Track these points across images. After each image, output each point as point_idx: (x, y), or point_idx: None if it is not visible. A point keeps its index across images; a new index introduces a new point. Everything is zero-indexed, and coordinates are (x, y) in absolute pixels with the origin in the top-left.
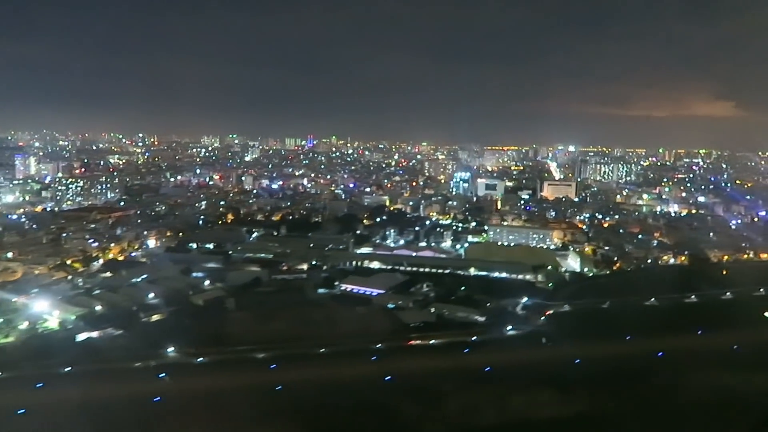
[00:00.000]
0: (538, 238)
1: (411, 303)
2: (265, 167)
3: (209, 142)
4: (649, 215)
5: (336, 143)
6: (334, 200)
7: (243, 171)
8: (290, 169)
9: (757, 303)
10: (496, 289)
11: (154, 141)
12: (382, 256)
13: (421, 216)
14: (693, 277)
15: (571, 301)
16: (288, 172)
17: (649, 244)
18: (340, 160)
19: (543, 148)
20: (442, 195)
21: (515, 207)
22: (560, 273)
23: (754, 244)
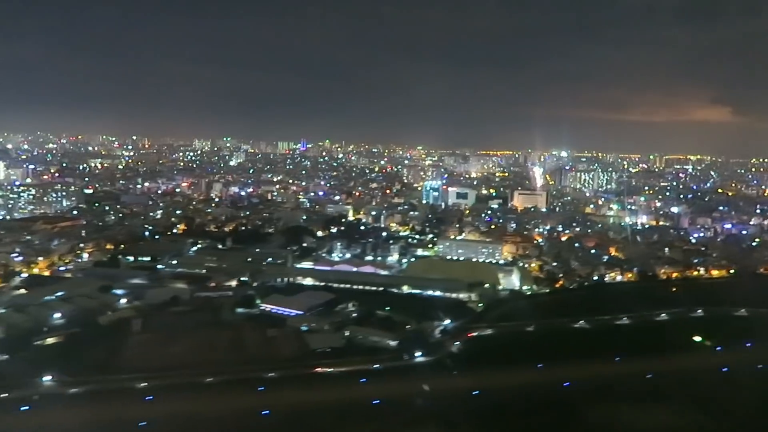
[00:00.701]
0: (487, 253)
1: (327, 325)
2: (246, 173)
3: (200, 145)
4: (613, 227)
5: (329, 147)
6: (296, 209)
7: (219, 177)
8: (270, 174)
9: (691, 325)
10: (423, 310)
11: (144, 144)
12: (318, 272)
13: (379, 227)
14: (634, 296)
15: (496, 324)
16: (266, 178)
17: (599, 259)
18: (325, 165)
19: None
20: (409, 204)
21: (477, 218)
22: (497, 291)
23: (707, 261)
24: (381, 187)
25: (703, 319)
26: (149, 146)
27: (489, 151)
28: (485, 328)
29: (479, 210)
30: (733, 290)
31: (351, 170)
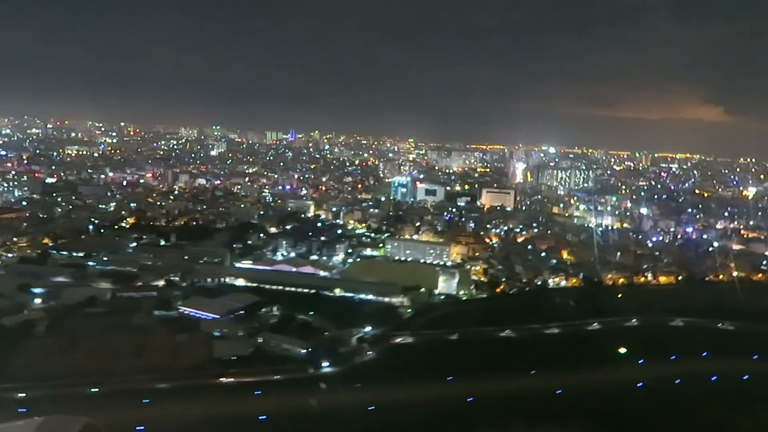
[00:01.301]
0: (435, 254)
1: (241, 331)
2: (223, 163)
3: (186, 134)
4: (573, 229)
5: (318, 138)
6: (254, 204)
7: (193, 168)
8: (246, 166)
9: (620, 335)
10: (349, 315)
11: (130, 131)
12: (255, 273)
13: (336, 224)
14: (571, 304)
15: (418, 332)
16: (241, 169)
17: (547, 263)
18: (306, 157)
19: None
20: (375, 200)
21: (438, 217)
22: (432, 296)
23: (657, 267)
24: (354, 181)
25: (634, 329)
26: (135, 133)
27: (480, 146)
28: (406, 336)
29: (443, 208)
30: (676, 298)
31: (331, 163)
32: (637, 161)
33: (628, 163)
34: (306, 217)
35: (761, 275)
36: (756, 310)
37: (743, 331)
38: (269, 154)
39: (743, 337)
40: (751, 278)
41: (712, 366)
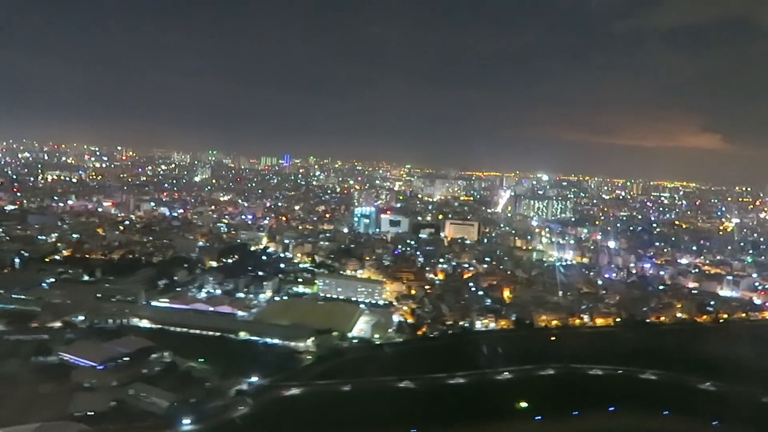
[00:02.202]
0: (366, 293)
1: (115, 381)
2: (201, 190)
3: (179, 158)
4: (526, 264)
5: (312, 163)
6: (206, 235)
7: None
8: (222, 193)
9: (529, 386)
10: (244, 362)
11: (122, 155)
12: (164, 312)
13: (281, 258)
14: (491, 349)
15: (312, 381)
16: (216, 196)
17: (481, 302)
18: (289, 184)
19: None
20: (335, 231)
21: (387, 250)
22: (344, 340)
23: (596, 307)
24: (325, 210)
25: (546, 379)
26: (127, 158)
27: (475, 172)
28: (294, 387)
29: (400, 240)
30: (605, 343)
31: (312, 190)
32: (628, 189)
33: (618, 192)
34: (252, 250)
35: (705, 317)
36: (686, 358)
37: (664, 382)
38: (254, 180)
39: (662, 388)
40: (694, 320)
41: (613, 423)
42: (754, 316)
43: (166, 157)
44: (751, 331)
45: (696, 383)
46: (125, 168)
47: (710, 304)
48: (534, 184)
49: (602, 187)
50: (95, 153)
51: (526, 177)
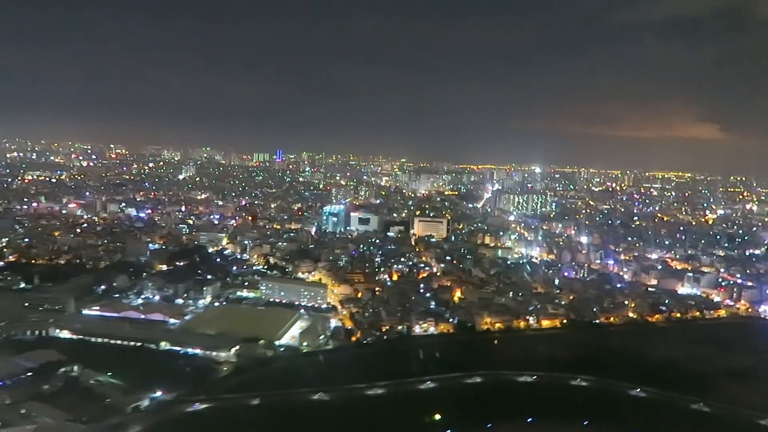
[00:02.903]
0: (309, 296)
1: (9, 399)
2: (181, 189)
3: (169, 156)
4: (489, 263)
5: (304, 159)
6: (166, 236)
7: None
8: (201, 192)
9: (451, 395)
10: (156, 375)
11: (112, 153)
12: (91, 321)
13: (237, 259)
14: (424, 355)
15: (221, 395)
16: (193, 195)
17: (425, 305)
18: (273, 181)
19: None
20: (299, 231)
21: (345, 250)
22: (271, 348)
23: (542, 309)
24: (300, 208)
25: (471, 388)
26: (116, 156)
27: (469, 165)
28: (200, 402)
29: (363, 240)
30: (545, 346)
31: (294, 187)
32: (620, 181)
33: (609, 184)
34: (208, 252)
35: (657, 317)
36: (625, 362)
37: (594, 389)
38: (240, 177)
39: (589, 396)
40: (645, 321)
41: None
42: (709, 314)
43: (156, 155)
44: (700, 332)
45: (627, 389)
46: (112, 167)
47: (664, 303)
48: (525, 177)
49: (594, 179)
50: (87, 151)
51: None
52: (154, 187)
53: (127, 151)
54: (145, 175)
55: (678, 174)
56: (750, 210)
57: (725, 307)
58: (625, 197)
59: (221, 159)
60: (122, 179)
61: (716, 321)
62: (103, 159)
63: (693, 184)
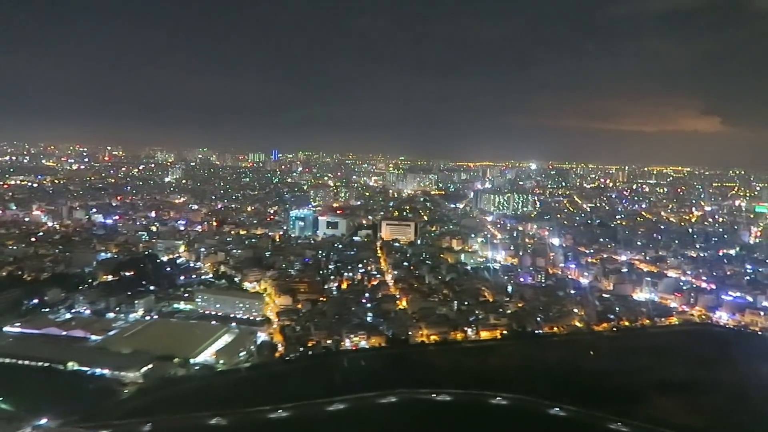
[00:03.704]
0: (244, 308)
1: None
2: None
3: (163, 157)
4: (443, 269)
5: (301, 158)
6: (122, 244)
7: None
8: (180, 195)
9: (353, 418)
10: (53, 398)
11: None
12: (8, 339)
13: (189, 268)
14: (347, 372)
15: (110, 422)
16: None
17: (362, 316)
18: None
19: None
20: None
21: (299, 258)
22: (185, 367)
23: (483, 319)
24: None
25: (381, 409)
26: (110, 158)
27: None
28: (87, 428)
29: (325, 245)
30: (477, 360)
31: (279, 188)
32: (614, 178)
33: (602, 180)
34: (160, 261)
35: (605, 325)
36: (553, 377)
37: (510, 408)
38: (227, 178)
39: (502, 415)
40: (590, 330)
41: None
42: (660, 322)
43: (150, 156)
44: (644, 342)
45: (546, 408)
46: (101, 170)
47: (614, 311)
48: (519, 174)
49: (590, 175)
50: (82, 154)
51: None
52: (135, 191)
53: (123, 153)
54: (131, 178)
55: (676, 168)
56: (738, 206)
57: (678, 314)
58: (615, 194)
59: (216, 160)
60: (106, 183)
61: (665, 329)
62: (95, 161)
63: (690, 179)
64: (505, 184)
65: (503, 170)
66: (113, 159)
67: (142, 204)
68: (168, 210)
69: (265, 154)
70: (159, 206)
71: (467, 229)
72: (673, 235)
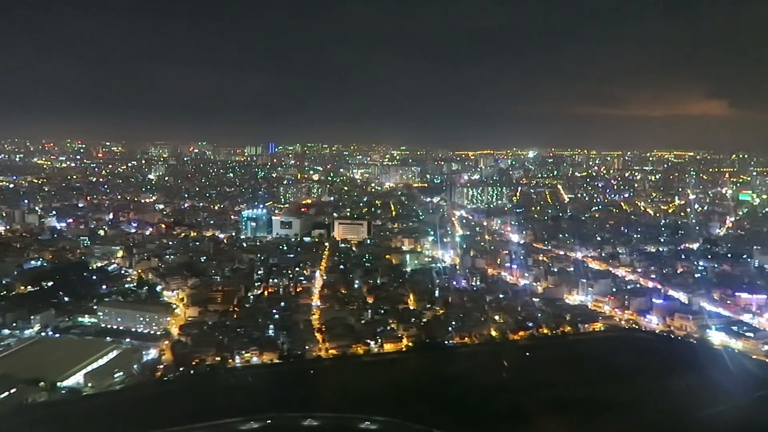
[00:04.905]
0: (145, 322)
1: None
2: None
3: (157, 153)
4: (389, 270)
5: (298, 150)
6: (59, 251)
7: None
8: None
9: None
10: None
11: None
12: None
13: (116, 276)
14: (225, 394)
15: None
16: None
17: (263, 329)
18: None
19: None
20: (206, 241)
21: (231, 263)
22: (51, 391)
23: (394, 330)
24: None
25: None
26: (103, 155)
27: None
28: None
29: (269, 247)
30: (366, 378)
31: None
32: (608, 165)
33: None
34: (90, 269)
35: (522, 334)
36: (444, 395)
37: None
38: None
39: None
40: (505, 339)
41: None
42: (583, 328)
43: (145, 152)
44: (557, 352)
45: None
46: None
47: (535, 317)
48: (512, 163)
49: (587, 161)
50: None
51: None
52: (109, 190)
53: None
54: (113, 176)
55: (679, 153)
56: (723, 194)
57: (605, 319)
58: (602, 183)
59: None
60: (87, 181)
61: (585, 337)
62: (88, 158)
63: (689, 164)
64: (493, 174)
65: (498, 159)
66: (106, 156)
67: (108, 205)
68: (128, 211)
69: (261, 147)
70: (122, 207)
71: (429, 225)
72: (641, 228)
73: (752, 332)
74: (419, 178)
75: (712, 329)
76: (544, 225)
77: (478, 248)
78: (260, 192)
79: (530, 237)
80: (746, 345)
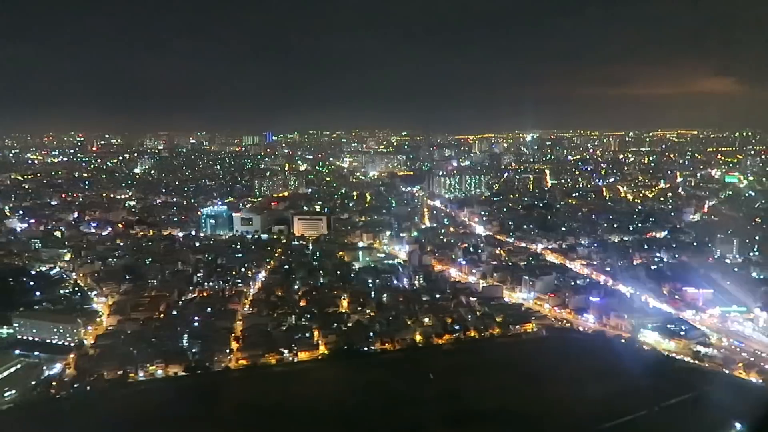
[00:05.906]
0: (60, 333)
1: None
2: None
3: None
4: (332, 270)
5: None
6: (6, 255)
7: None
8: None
9: None
10: None
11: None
12: None
13: (58, 281)
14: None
15: None
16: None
17: (176, 340)
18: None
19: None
20: (159, 240)
21: (173, 266)
22: None
23: (312, 337)
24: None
25: None
26: (97, 149)
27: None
28: None
29: (218, 247)
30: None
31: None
32: (605, 147)
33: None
34: (31, 275)
35: (447, 337)
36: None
37: None
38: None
39: None
40: (429, 344)
41: None
42: (514, 330)
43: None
44: (476, 357)
45: None
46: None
47: (464, 319)
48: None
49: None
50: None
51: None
52: (86, 187)
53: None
54: (97, 172)
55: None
56: (712, 175)
57: (539, 319)
58: (590, 167)
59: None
60: (70, 178)
61: (514, 339)
62: (83, 153)
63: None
64: (484, 159)
65: (493, 144)
66: (101, 149)
67: (80, 202)
68: (94, 210)
69: (258, 136)
70: (91, 205)
71: (398, 218)
72: (613, 216)
73: (685, 332)
74: (406, 166)
75: (648, 328)
76: (514, 215)
77: (436, 243)
78: (238, 185)
79: (496, 228)
80: (677, 345)
